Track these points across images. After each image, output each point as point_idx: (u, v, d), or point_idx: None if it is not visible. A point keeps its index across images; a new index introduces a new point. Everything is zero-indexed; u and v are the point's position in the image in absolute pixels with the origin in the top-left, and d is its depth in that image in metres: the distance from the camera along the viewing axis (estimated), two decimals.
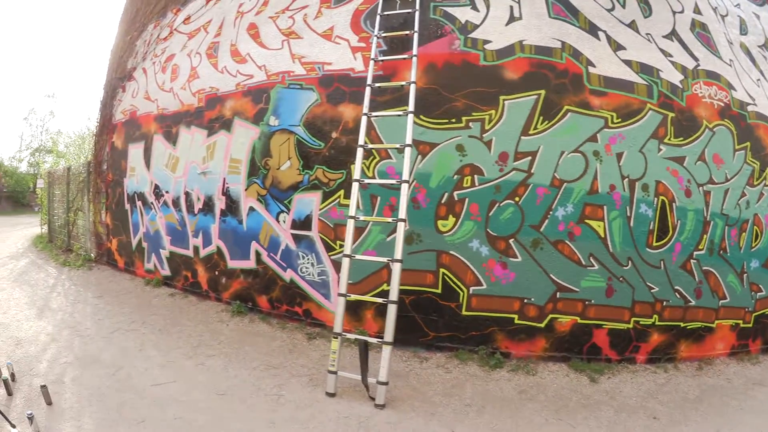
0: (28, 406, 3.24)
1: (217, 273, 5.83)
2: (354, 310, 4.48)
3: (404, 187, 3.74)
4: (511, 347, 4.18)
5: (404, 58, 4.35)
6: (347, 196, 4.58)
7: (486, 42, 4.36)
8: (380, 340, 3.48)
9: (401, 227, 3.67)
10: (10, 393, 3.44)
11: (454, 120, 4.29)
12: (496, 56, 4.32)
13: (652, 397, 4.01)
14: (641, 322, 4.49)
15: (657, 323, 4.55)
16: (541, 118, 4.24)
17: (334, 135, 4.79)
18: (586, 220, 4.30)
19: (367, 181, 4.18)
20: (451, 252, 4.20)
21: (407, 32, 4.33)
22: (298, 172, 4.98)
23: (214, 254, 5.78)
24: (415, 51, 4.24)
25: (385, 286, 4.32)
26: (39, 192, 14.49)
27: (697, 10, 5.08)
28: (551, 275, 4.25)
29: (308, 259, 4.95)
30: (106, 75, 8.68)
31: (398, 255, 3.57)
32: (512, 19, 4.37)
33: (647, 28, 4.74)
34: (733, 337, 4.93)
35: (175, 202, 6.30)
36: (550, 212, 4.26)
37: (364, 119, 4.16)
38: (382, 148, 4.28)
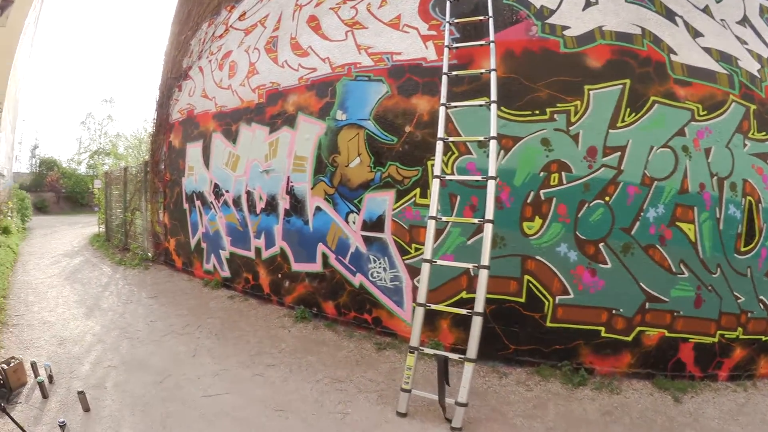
0: (64, 412, 3.16)
1: (279, 276, 5.93)
2: (429, 318, 4.19)
3: (491, 184, 3.55)
4: (595, 363, 3.94)
5: (481, 45, 4.19)
6: (423, 194, 4.49)
7: (564, 28, 4.11)
8: (462, 356, 3.26)
9: (488, 229, 3.46)
10: (45, 396, 3.35)
11: (537, 111, 4.06)
12: (576, 43, 4.07)
13: (732, 419, 3.73)
14: (726, 336, 4.18)
15: (741, 337, 4.22)
16: (628, 109, 3.95)
17: (407, 129, 4.68)
18: (677, 223, 4.02)
19: (448, 177, 3.98)
20: (537, 257, 3.97)
21: (481, 18, 4.15)
22: (369, 169, 4.92)
23: (277, 256, 5.89)
24: (492, 37, 4.05)
25: (464, 294, 4.19)
26: (96, 192, 15.54)
27: None
28: (641, 284, 4.00)
29: (380, 263, 4.88)
30: (161, 75, 9.13)
31: (485, 260, 3.38)
32: (588, 3, 4.12)
33: (721, 13, 4.39)
34: None
35: (236, 202, 6.42)
36: (641, 213, 3.98)
37: (442, 110, 4.01)
38: (463, 141, 4.07)
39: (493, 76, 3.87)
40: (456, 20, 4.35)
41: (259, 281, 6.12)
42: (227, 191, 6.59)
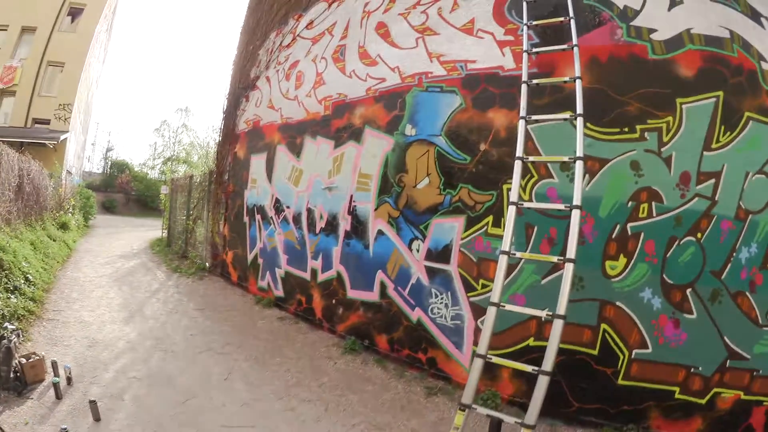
0: (73, 417, 3.27)
1: (334, 302, 6.30)
2: (489, 364, 3.75)
3: (575, 214, 3.37)
4: (663, 427, 3.64)
5: (563, 50, 4.08)
6: (496, 223, 4.48)
7: (651, 31, 3.93)
8: (520, 422, 2.97)
9: (569, 270, 3.24)
10: (59, 397, 3.56)
11: (627, 129, 3.85)
12: (665, 48, 3.87)
13: None
14: None
15: None
16: (723, 127, 3.67)
17: (482, 147, 4.78)
18: None
19: (526, 205, 3.84)
20: (618, 303, 3.74)
21: (561, 19, 4.05)
22: (438, 191, 5.07)
23: (333, 280, 6.28)
24: (574, 40, 3.93)
25: (531, 341, 4.04)
26: (162, 198, 17.73)
27: None
28: (725, 338, 3.67)
29: (442, 298, 4.96)
30: (230, 85, 10.38)
31: (561, 309, 3.15)
32: (673, 3, 3.92)
33: None
34: None
35: (296, 219, 6.89)
36: (734, 254, 3.64)
37: (521, 124, 3.96)
38: (545, 162, 3.94)
39: (578, 84, 3.74)
40: (534, 22, 4.25)
41: (312, 305, 6.49)
42: (288, 207, 7.09)
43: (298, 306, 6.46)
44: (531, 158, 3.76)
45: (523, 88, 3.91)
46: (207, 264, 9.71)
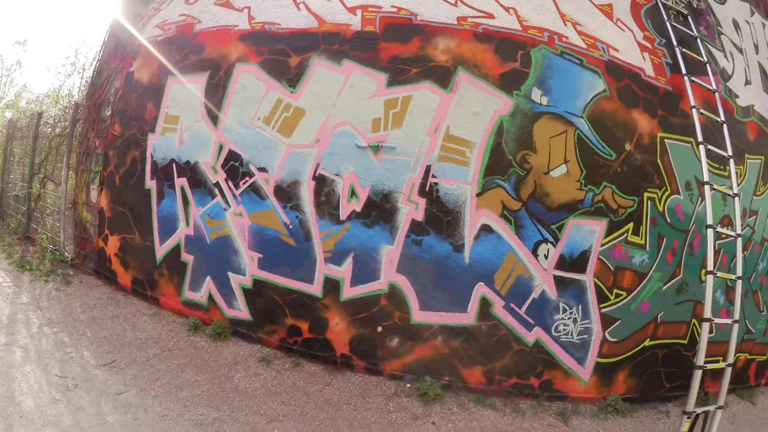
0: None
1: (379, 330, 2.64)
2: (605, 372, 2.95)
3: (738, 242, 2.73)
4: (711, 386, 3.68)
5: (710, 90, 3.12)
6: (636, 231, 2.89)
7: (736, 96, 3.69)
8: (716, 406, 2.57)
9: (739, 285, 2.69)
10: None
11: (723, 167, 3.45)
12: (741, 113, 3.74)
13: None
14: None
15: None
16: (761, 181, 3.98)
17: (627, 147, 2.77)
18: None
19: (719, 230, 2.72)
20: (702, 302, 3.49)
21: (704, 60, 3.19)
22: (579, 185, 2.65)
23: (381, 297, 2.61)
24: (713, 85, 3.11)
25: (647, 342, 3.07)
26: None
27: None
28: (746, 320, 4.04)
29: (571, 312, 2.70)
30: None
31: (736, 315, 2.74)
32: (747, 81, 3.89)
33: None
34: None
35: (285, 192, 2.77)
36: (756, 266, 4.07)
37: (702, 149, 2.71)
38: (718, 190, 2.92)
39: (725, 127, 3.09)
40: (683, 49, 3.06)
41: (326, 335, 2.70)
42: (263, 170, 2.83)
43: (290, 336, 2.79)
44: (715, 186, 2.92)
45: (694, 112, 2.89)
46: (67, 254, 3.67)
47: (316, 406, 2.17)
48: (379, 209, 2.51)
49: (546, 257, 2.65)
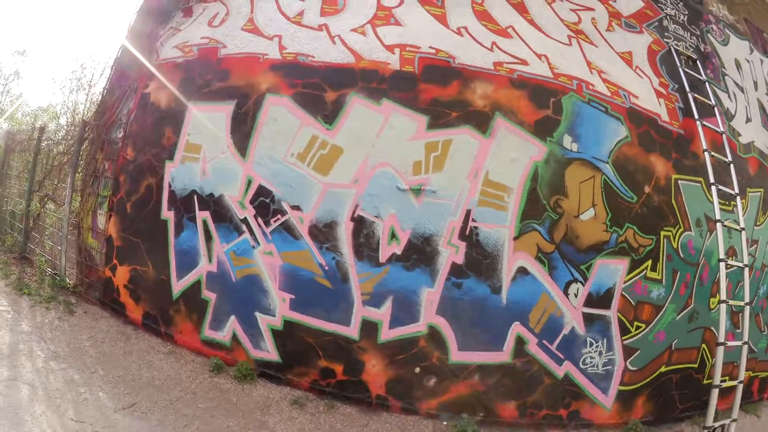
0: None
1: (418, 371, 2.61)
2: (626, 398, 3.08)
3: (746, 271, 2.97)
4: (720, 404, 3.45)
5: (717, 132, 3.28)
6: (653, 267, 3.03)
7: (738, 134, 3.83)
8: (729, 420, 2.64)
9: (747, 310, 2.95)
10: None
11: (728, 203, 3.57)
12: (743, 149, 3.88)
13: None
14: None
15: None
16: (761, 211, 4.20)
17: (646, 189, 2.92)
18: None
19: (730, 262, 2.99)
20: (711, 328, 3.61)
21: (713, 105, 3.35)
22: (605, 227, 2.78)
23: (420, 339, 2.59)
24: (721, 127, 3.26)
25: (663, 368, 3.23)
26: None
27: None
28: (749, 341, 3.69)
29: (597, 346, 2.81)
30: None
31: (745, 337, 3.02)
32: (747, 119, 4.06)
33: None
34: None
35: (320, 233, 2.66)
36: (758, 290, 4.23)
37: (714, 190, 2.95)
38: (729, 227, 3.13)
39: (732, 167, 3.31)
40: (695, 95, 3.23)
41: (361, 376, 2.63)
42: (296, 207, 2.69)
43: (323, 378, 2.68)
44: (727, 222, 3.15)
45: (706, 155, 3.06)
46: (68, 280, 3.31)
47: None
48: (419, 252, 2.49)
49: (576, 296, 2.73)
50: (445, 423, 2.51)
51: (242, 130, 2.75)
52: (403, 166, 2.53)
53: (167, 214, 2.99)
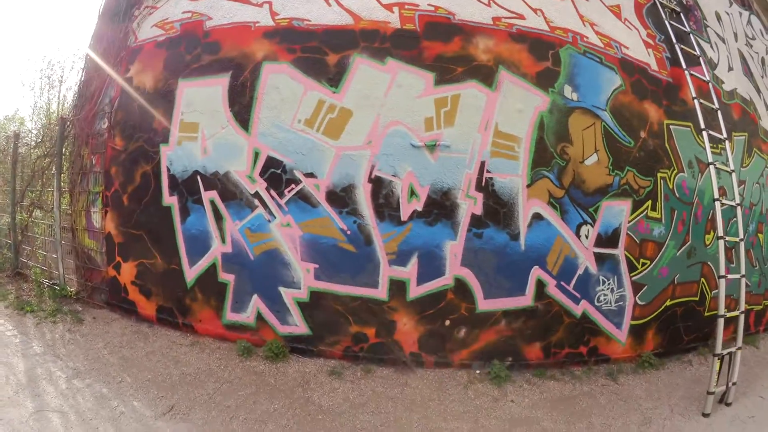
0: None
1: (448, 323, 2.64)
2: (637, 332, 3.23)
3: (739, 211, 3.09)
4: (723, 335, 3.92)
5: (704, 81, 3.35)
6: (653, 207, 3.17)
7: (721, 81, 3.96)
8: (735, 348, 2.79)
9: (742, 246, 3.03)
10: None
11: (718, 146, 3.64)
12: (727, 96, 4.01)
13: None
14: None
15: None
16: (746, 155, 4.33)
17: (642, 134, 3.05)
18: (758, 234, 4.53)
19: (724, 201, 3.06)
20: (708, 262, 3.78)
21: (698, 55, 3.44)
22: (608, 171, 2.89)
23: (447, 292, 2.61)
24: (706, 75, 3.36)
25: (668, 302, 3.37)
26: None
27: None
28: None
29: (609, 284, 2.94)
30: None
31: (742, 270, 3.09)
32: (729, 68, 4.19)
33: None
34: None
35: (338, 198, 2.60)
36: (748, 227, 4.31)
37: (705, 135, 3.04)
38: (721, 169, 3.22)
39: (719, 113, 3.33)
40: (681, 45, 3.31)
41: (394, 336, 2.61)
42: (310, 175, 2.61)
43: (355, 344, 2.63)
44: (718, 164, 3.15)
45: (696, 103, 3.13)
46: (69, 287, 3.03)
47: (405, 409, 2.14)
48: (439, 207, 2.52)
49: (587, 237, 2.85)
50: (478, 372, 2.57)
51: (241, 101, 2.67)
52: (415, 124, 2.52)
53: (169, 200, 2.86)
